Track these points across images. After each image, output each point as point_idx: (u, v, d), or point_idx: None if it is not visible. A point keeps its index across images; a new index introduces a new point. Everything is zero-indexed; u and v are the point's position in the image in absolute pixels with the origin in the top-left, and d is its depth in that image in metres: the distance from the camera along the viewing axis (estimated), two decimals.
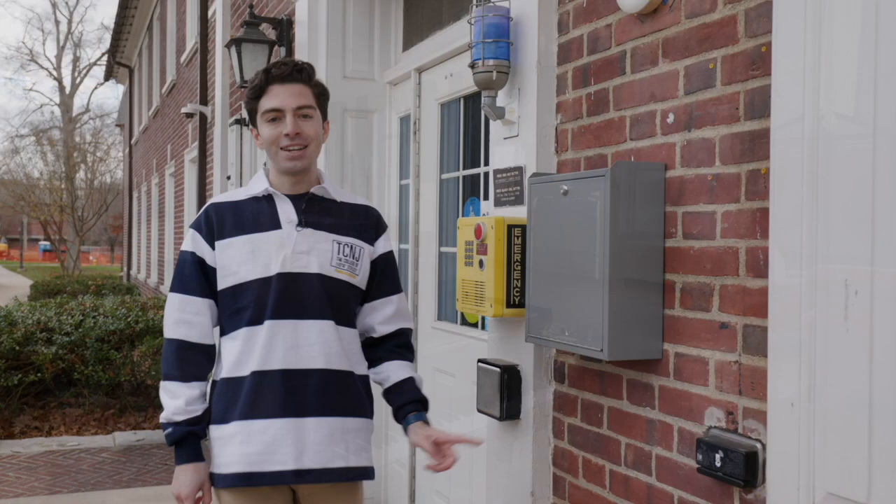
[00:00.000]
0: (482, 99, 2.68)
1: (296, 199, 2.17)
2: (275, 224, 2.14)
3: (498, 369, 2.59)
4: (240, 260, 2.11)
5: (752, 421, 1.82)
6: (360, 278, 2.21)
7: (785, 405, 1.67)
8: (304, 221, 2.15)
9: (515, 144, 2.64)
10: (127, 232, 19.71)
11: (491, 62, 2.60)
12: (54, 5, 44.55)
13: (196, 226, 2.18)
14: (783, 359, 1.68)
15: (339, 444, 2.13)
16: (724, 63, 1.91)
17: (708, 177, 1.95)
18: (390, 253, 2.31)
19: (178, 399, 2.10)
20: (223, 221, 2.15)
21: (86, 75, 41.54)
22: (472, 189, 3.62)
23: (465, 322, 3.62)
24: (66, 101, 35.84)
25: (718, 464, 1.85)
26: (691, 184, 2.01)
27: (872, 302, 1.50)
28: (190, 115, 8.94)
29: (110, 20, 48.57)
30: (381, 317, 2.28)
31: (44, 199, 31.77)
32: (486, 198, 3.41)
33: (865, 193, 1.51)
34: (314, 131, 2.16)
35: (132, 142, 19.03)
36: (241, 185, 6.51)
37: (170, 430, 2.12)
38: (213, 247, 2.14)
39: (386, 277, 2.28)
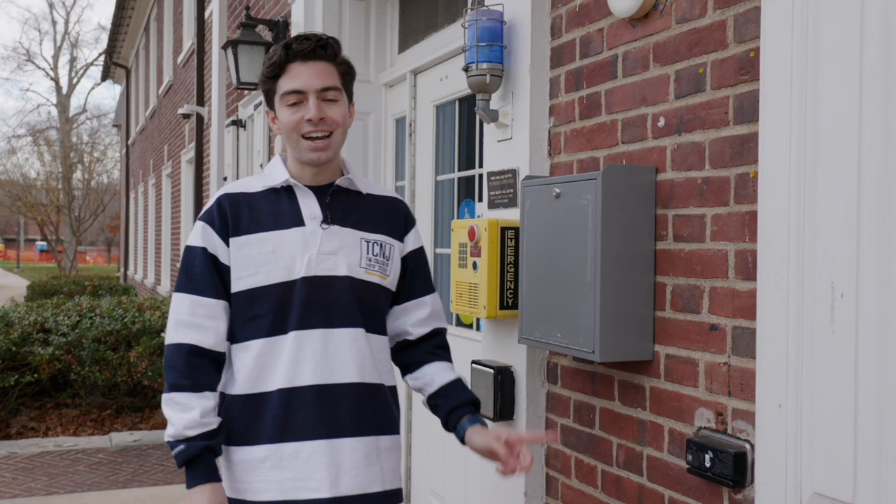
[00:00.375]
0: (476, 102, 2.70)
1: (319, 192, 1.95)
2: (297, 220, 1.91)
3: (492, 370, 2.61)
4: (258, 260, 1.88)
5: (741, 422, 1.84)
6: (391, 279, 2.01)
7: (773, 406, 1.69)
8: (330, 217, 1.93)
9: (509, 147, 2.66)
10: (124, 232, 19.71)
11: (485, 66, 2.62)
12: (51, 5, 44.57)
13: (207, 218, 1.93)
14: (771, 360, 1.70)
15: (375, 465, 1.93)
16: (714, 68, 1.93)
17: (698, 180, 1.98)
18: (421, 249, 2.10)
19: (191, 411, 1.83)
20: (239, 215, 1.91)
21: (83, 76, 41.45)
22: (468, 191, 3.64)
23: (459, 323, 3.64)
24: (62, 102, 35.81)
25: (708, 464, 1.87)
26: (681, 187, 2.03)
27: (858, 304, 1.52)
28: (187, 116, 8.96)
29: (107, 21, 48.54)
30: (414, 319, 2.07)
31: (40, 199, 31.77)
32: (480, 199, 3.43)
33: (851, 197, 1.53)
34: (340, 116, 1.91)
35: (129, 142, 19.03)
36: None
37: (181, 447, 1.83)
38: (227, 243, 1.90)
39: (417, 276, 2.08)
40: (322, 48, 1.89)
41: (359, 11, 4.53)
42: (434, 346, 2.09)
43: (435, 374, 2.05)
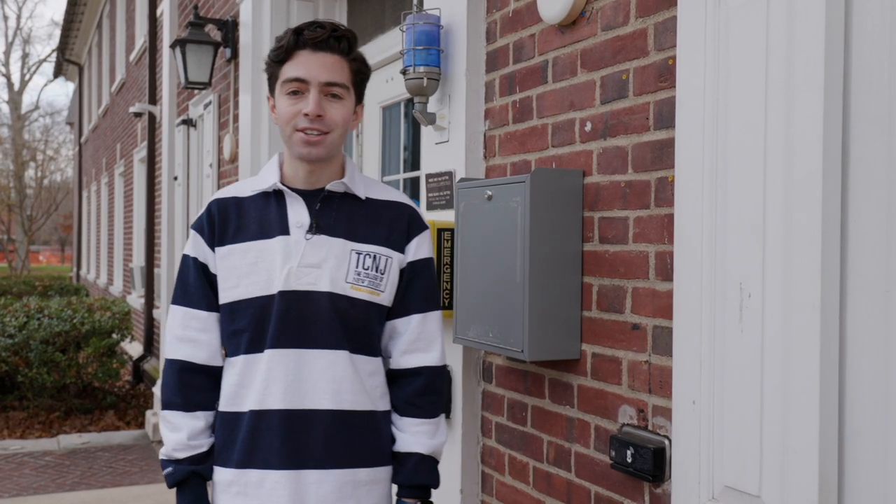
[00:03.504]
0: (414, 105, 2.73)
1: (309, 197, 1.81)
2: (282, 229, 1.78)
3: None
4: (240, 272, 1.78)
5: (660, 418, 1.90)
6: (387, 295, 1.83)
7: (687, 403, 1.75)
8: (317, 226, 1.79)
9: (446, 149, 2.70)
10: (77, 232, 19.42)
11: (422, 69, 2.65)
12: (2, 0, 43.65)
13: (198, 226, 1.84)
14: (686, 358, 1.76)
15: (348, 499, 1.79)
16: (636, 75, 1.99)
17: (622, 183, 2.03)
18: (423, 261, 1.89)
19: (180, 432, 1.77)
20: (226, 222, 1.81)
21: (35, 72, 40.73)
22: (413, 192, 3.67)
23: None
24: (14, 98, 35.10)
25: (630, 460, 1.93)
26: (606, 190, 2.08)
27: (764, 304, 1.58)
28: (139, 115, 8.88)
29: (60, 16, 47.63)
30: (401, 344, 1.87)
31: None
32: None
33: (757, 201, 1.60)
34: (341, 116, 1.77)
35: (82, 140, 18.75)
36: (187, 188, 6.49)
37: (170, 469, 1.79)
38: (214, 252, 1.81)
39: (412, 289, 1.86)
40: (336, 39, 1.76)
41: (307, 12, 4.54)
42: (415, 394, 1.87)
43: (398, 433, 1.87)
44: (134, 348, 9.72)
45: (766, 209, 1.58)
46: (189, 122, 6.42)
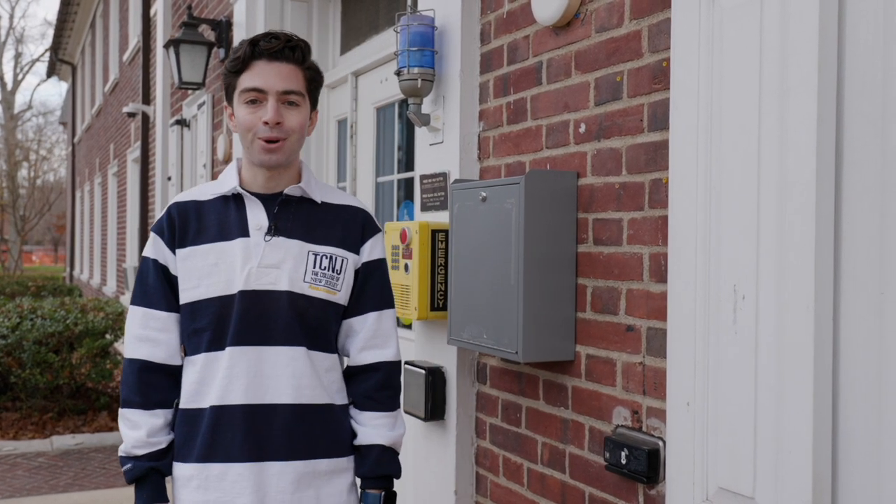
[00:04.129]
0: (408, 106, 2.73)
1: (268, 201, 1.87)
2: (242, 231, 1.84)
3: (423, 371, 2.65)
4: (200, 273, 1.83)
5: (654, 420, 1.90)
6: (343, 294, 1.90)
7: (682, 405, 1.75)
8: (275, 228, 1.85)
9: (440, 151, 2.70)
10: (70, 232, 19.36)
11: (416, 70, 2.65)
12: None
13: (157, 229, 1.89)
14: (680, 360, 1.76)
15: (308, 489, 1.85)
16: (630, 76, 1.99)
17: (616, 185, 2.03)
18: (377, 262, 1.96)
19: (139, 430, 1.82)
20: (186, 225, 1.86)
21: (28, 72, 40.64)
22: (407, 193, 3.67)
23: (398, 323, 3.66)
24: (7, 98, 34.98)
25: (624, 461, 1.93)
26: (600, 192, 2.08)
27: (757, 306, 1.59)
28: (132, 115, 8.85)
29: (53, 16, 47.46)
30: (357, 341, 1.94)
31: None
32: None
33: (751, 203, 1.60)
34: (298, 123, 1.84)
35: (75, 140, 18.70)
36: (181, 188, 6.48)
37: (129, 465, 1.83)
38: (174, 253, 1.86)
39: (367, 289, 1.93)
40: (290, 49, 1.83)
41: (301, 12, 4.53)
42: (373, 389, 1.93)
43: (359, 428, 1.93)
44: None
45: (759, 211, 1.59)
46: (183, 123, 6.41)
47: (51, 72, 22.42)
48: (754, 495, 1.59)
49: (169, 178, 6.72)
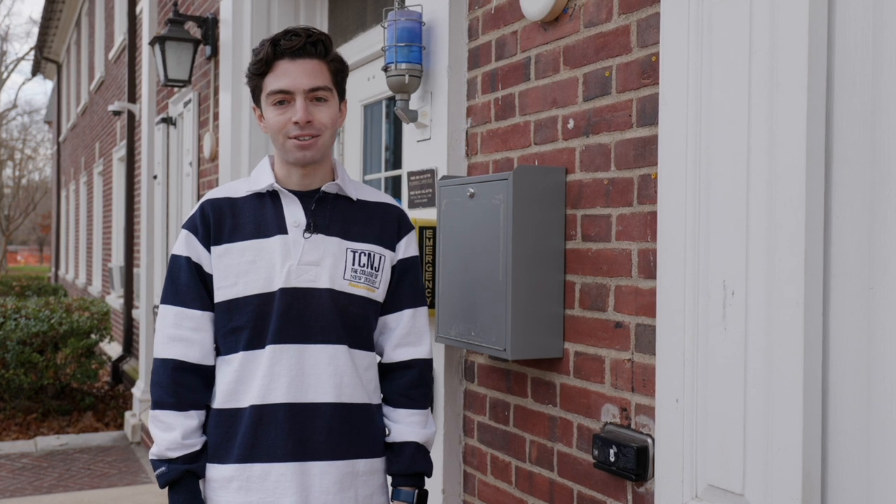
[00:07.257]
0: (396, 102, 2.71)
1: (305, 198, 1.86)
2: (279, 228, 1.83)
3: None
4: (238, 270, 1.81)
5: (643, 417, 1.89)
6: (381, 291, 1.90)
7: (671, 401, 1.74)
8: (314, 225, 1.84)
9: (428, 147, 2.68)
10: (55, 231, 19.23)
11: (403, 66, 2.63)
12: None
13: (190, 226, 1.86)
14: (669, 356, 1.75)
15: (349, 490, 1.84)
16: (619, 71, 1.98)
17: (604, 181, 2.02)
18: (412, 259, 1.97)
19: (173, 431, 1.78)
20: (221, 222, 1.84)
21: (13, 70, 40.26)
22: (395, 190, 3.65)
23: None
24: None
25: (612, 458, 1.92)
26: (589, 188, 2.07)
27: (747, 301, 1.58)
28: (118, 113, 8.78)
29: (38, 14, 47.17)
30: (393, 338, 1.95)
31: None
32: None
33: (741, 198, 1.59)
34: (329, 118, 1.82)
35: (60, 139, 18.57)
36: (167, 187, 6.43)
37: (163, 468, 1.79)
38: (209, 251, 1.83)
39: (402, 286, 1.94)
40: (312, 45, 1.80)
41: (287, 9, 4.51)
42: (408, 386, 1.95)
43: (393, 425, 1.93)
44: (113, 349, 9.63)
45: (749, 206, 1.58)
46: (169, 121, 6.36)
47: (36, 70, 22.27)
48: (744, 492, 1.58)
49: (155, 177, 6.67)
